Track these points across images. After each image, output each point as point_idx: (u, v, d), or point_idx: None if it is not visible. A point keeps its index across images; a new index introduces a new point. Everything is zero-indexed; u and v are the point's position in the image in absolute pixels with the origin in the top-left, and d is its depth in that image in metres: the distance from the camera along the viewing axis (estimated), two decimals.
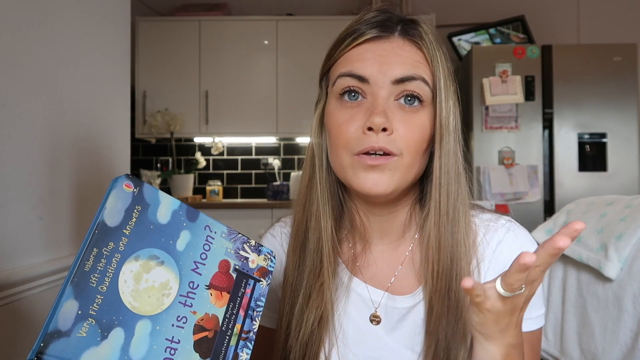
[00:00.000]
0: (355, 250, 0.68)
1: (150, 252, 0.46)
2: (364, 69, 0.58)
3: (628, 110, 2.62)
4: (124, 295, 0.44)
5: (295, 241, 0.67)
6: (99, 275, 0.44)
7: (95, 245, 0.44)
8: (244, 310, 0.51)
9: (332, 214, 0.65)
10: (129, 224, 0.46)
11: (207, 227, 0.51)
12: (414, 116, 0.58)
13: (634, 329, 0.98)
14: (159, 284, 0.46)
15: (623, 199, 1.19)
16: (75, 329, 0.42)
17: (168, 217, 0.48)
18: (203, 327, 0.47)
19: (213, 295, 0.49)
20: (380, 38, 0.59)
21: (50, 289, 0.88)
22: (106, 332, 0.42)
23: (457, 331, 0.58)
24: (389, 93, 0.58)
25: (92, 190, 1.03)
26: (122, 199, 0.46)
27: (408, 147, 0.57)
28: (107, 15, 1.09)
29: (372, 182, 0.57)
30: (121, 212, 0.46)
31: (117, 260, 0.45)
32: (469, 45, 3.10)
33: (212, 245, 0.51)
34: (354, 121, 0.58)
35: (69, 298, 0.42)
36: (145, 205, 0.47)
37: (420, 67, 0.59)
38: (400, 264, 0.66)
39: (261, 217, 2.94)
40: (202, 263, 0.49)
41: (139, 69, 3.17)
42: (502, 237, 0.62)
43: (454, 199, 0.60)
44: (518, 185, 2.62)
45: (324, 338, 0.63)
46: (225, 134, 3.27)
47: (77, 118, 0.97)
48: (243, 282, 0.51)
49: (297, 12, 3.39)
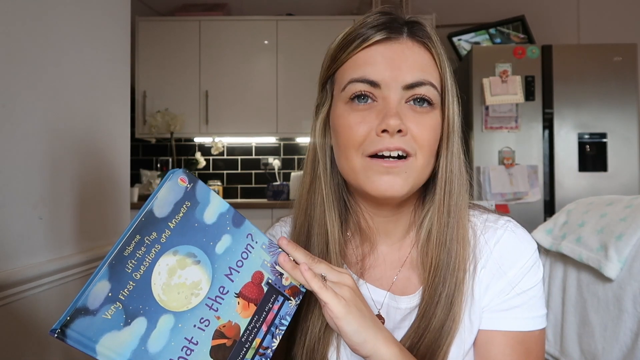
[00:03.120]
0: (361, 251, 0.67)
1: (189, 249, 0.47)
2: (375, 73, 0.58)
3: (628, 110, 2.62)
4: (155, 287, 0.45)
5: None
6: (136, 262, 0.44)
7: (139, 232, 0.44)
8: (267, 326, 0.50)
9: (339, 218, 0.64)
10: (176, 217, 0.46)
11: (250, 236, 0.51)
12: (425, 117, 0.58)
13: (634, 329, 0.98)
14: (190, 282, 0.46)
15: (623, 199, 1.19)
16: (102, 309, 0.42)
17: (214, 219, 0.49)
18: (224, 334, 0.47)
19: (240, 305, 0.49)
20: (389, 40, 0.59)
21: (51, 289, 0.88)
22: (130, 319, 0.43)
23: (445, 324, 0.59)
24: (401, 97, 0.58)
25: (92, 190, 1.03)
26: (174, 192, 0.47)
27: (422, 147, 0.58)
28: (107, 15, 1.09)
29: (388, 185, 0.57)
30: (171, 204, 0.46)
31: (156, 251, 0.45)
32: (469, 45, 3.10)
33: (250, 254, 0.50)
34: (366, 123, 0.58)
35: (103, 278, 0.42)
36: (195, 203, 0.48)
37: (429, 70, 0.59)
38: (402, 264, 0.66)
39: (261, 217, 2.94)
40: (237, 270, 0.49)
41: (139, 69, 3.17)
42: (500, 237, 0.63)
43: (456, 197, 0.61)
44: (518, 185, 2.62)
45: (330, 343, 0.62)
46: (225, 134, 3.27)
47: (77, 118, 0.97)
48: (272, 297, 0.51)
49: (297, 12, 3.39)
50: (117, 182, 1.13)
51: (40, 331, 0.84)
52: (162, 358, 0.44)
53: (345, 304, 0.50)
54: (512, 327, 0.60)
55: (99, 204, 1.06)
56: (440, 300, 0.59)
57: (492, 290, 0.61)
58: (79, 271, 0.95)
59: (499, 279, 0.61)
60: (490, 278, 0.61)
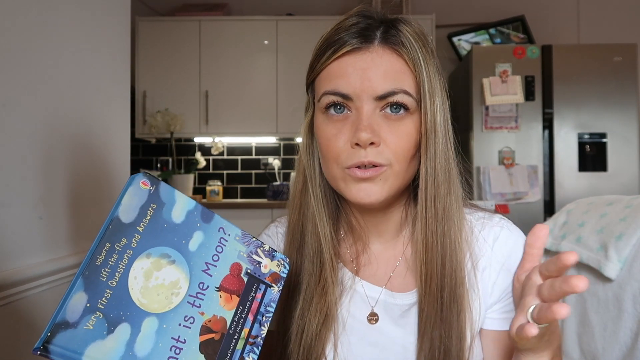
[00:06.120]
0: (354, 249, 0.68)
1: (162, 251, 0.47)
2: (346, 86, 0.57)
3: (628, 110, 2.62)
4: (133, 292, 0.44)
5: (292, 244, 0.67)
6: (110, 270, 0.44)
7: (108, 240, 0.44)
8: (253, 315, 0.50)
9: (330, 217, 0.65)
10: (143, 221, 0.46)
11: (221, 229, 0.51)
12: (400, 124, 0.58)
13: (634, 329, 0.98)
14: (168, 283, 0.46)
15: (623, 199, 1.18)
16: (82, 321, 0.42)
17: (182, 217, 0.49)
18: (210, 328, 0.47)
19: (222, 298, 0.49)
20: (359, 50, 0.58)
21: (51, 289, 0.88)
22: (113, 327, 0.43)
23: (453, 332, 0.58)
24: (374, 107, 0.58)
25: (92, 190, 1.03)
26: (138, 196, 0.47)
27: (397, 156, 0.58)
28: (107, 15, 1.09)
29: (364, 193, 0.58)
30: (136, 209, 0.46)
31: (128, 256, 0.45)
32: (469, 45, 3.10)
33: (224, 247, 0.51)
34: (342, 135, 0.58)
35: (79, 290, 0.42)
36: (160, 204, 0.48)
37: (401, 77, 0.58)
38: (397, 262, 0.66)
39: (261, 217, 2.94)
40: (214, 265, 0.49)
41: (139, 69, 3.17)
42: (498, 234, 0.63)
43: (444, 199, 0.60)
44: (518, 185, 2.62)
45: (327, 340, 0.63)
46: (225, 134, 3.27)
47: (77, 118, 0.97)
48: (254, 286, 0.51)
49: (297, 12, 3.39)
50: (117, 182, 1.13)
51: (39, 331, 0.84)
52: None
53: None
54: None
55: (98, 204, 1.06)
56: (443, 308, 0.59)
57: (499, 287, 0.62)
58: None
59: (505, 277, 0.62)
60: (496, 275, 0.62)
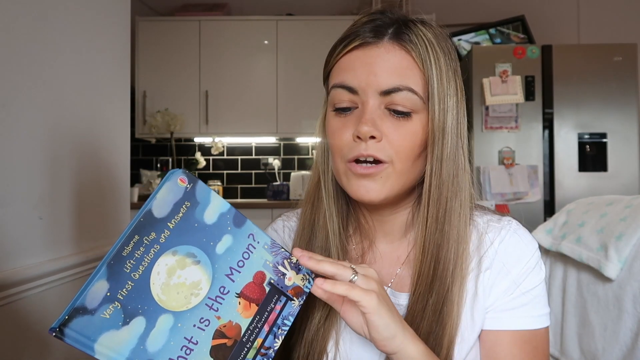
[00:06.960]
0: (360, 247, 0.69)
1: (188, 250, 0.47)
2: (352, 79, 0.58)
3: (628, 110, 2.62)
4: (154, 287, 0.45)
5: (302, 237, 0.67)
6: (135, 262, 0.44)
7: (138, 233, 0.45)
8: (269, 326, 0.50)
9: (339, 213, 0.66)
10: (175, 218, 0.46)
11: (251, 236, 0.51)
12: (404, 123, 0.58)
13: (634, 329, 0.98)
14: (190, 282, 0.46)
15: (623, 199, 1.18)
16: (100, 309, 0.42)
17: (214, 219, 0.49)
18: (224, 334, 0.47)
19: (241, 305, 0.49)
20: (368, 44, 0.58)
21: (51, 289, 0.88)
22: (129, 319, 0.43)
23: (438, 334, 0.58)
24: (379, 102, 0.58)
25: (92, 190, 1.03)
26: (174, 192, 0.47)
27: (398, 154, 0.57)
28: (107, 15, 1.09)
29: (364, 190, 0.58)
30: (170, 205, 0.46)
31: (155, 251, 0.45)
32: (469, 45, 3.10)
33: (251, 254, 0.50)
34: (347, 129, 0.59)
35: (102, 278, 0.43)
36: (194, 203, 0.48)
37: (407, 73, 0.57)
38: (402, 263, 0.66)
39: (261, 217, 2.94)
40: (238, 270, 0.49)
41: (139, 69, 3.17)
42: (503, 237, 0.63)
43: (447, 203, 0.60)
44: (518, 185, 2.62)
45: (329, 336, 0.63)
46: (225, 134, 3.27)
47: (77, 118, 0.97)
48: (275, 297, 0.51)
49: (297, 12, 3.39)
50: (117, 182, 1.13)
51: (39, 331, 0.84)
52: (161, 357, 0.44)
53: (376, 297, 0.50)
54: (519, 326, 0.60)
55: (98, 204, 1.06)
56: (427, 308, 0.58)
57: (497, 289, 0.61)
58: (78, 271, 0.95)
59: (503, 278, 0.61)
60: (494, 277, 0.62)
